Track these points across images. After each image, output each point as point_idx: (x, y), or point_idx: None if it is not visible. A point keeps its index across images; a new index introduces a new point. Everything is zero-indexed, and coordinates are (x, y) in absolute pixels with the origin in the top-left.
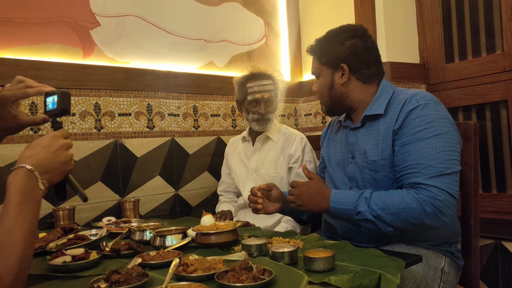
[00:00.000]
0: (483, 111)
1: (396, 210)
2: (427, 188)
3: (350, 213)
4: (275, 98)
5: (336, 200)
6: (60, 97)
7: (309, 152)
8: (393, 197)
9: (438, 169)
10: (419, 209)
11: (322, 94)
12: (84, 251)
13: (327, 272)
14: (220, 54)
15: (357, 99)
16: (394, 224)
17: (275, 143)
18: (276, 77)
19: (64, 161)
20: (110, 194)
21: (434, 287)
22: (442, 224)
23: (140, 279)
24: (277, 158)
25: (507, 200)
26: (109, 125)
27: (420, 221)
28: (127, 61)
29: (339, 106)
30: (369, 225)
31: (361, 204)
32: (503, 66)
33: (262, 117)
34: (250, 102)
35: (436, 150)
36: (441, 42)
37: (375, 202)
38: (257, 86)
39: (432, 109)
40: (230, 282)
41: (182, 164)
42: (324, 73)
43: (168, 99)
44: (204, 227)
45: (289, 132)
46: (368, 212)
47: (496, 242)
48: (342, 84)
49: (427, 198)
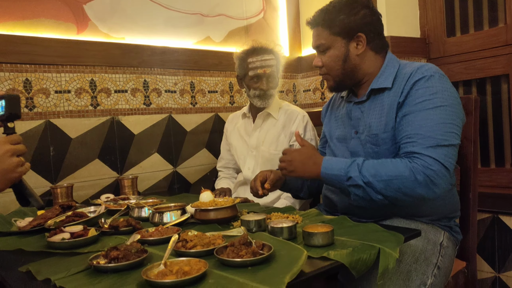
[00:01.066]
0: (483, 85)
1: (388, 177)
2: (421, 158)
3: (341, 179)
4: (277, 73)
5: (327, 166)
6: (8, 101)
7: (310, 130)
8: (386, 165)
9: (435, 140)
10: (411, 177)
11: (332, 67)
12: (83, 228)
13: (326, 247)
14: (217, 29)
15: (368, 71)
16: (385, 192)
17: (276, 120)
18: (277, 51)
19: (8, 168)
20: (108, 171)
21: (432, 261)
22: (433, 195)
23: (139, 255)
24: (278, 135)
25: (505, 174)
26: (105, 102)
27: (411, 190)
28: (122, 36)
29: (349, 80)
30: (359, 191)
31: (352, 170)
32: (506, 40)
33: (264, 93)
34: (252, 78)
35: (436, 121)
36: (442, 15)
37: (367, 169)
38: (258, 61)
39: (437, 81)
40: (229, 257)
41: (180, 141)
42: (337, 44)
43: (165, 75)
44: (203, 204)
45: (290, 109)
46: (359, 178)
47: (493, 216)
48: (358, 54)
49: (420, 167)
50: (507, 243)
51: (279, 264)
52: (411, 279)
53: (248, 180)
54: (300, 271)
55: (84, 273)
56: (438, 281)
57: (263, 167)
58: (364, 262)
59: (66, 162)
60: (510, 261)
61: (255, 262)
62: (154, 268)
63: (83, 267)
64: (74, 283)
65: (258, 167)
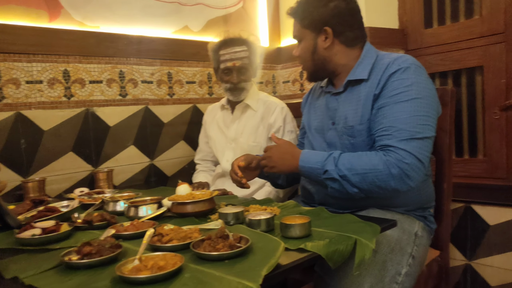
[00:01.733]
0: (459, 77)
1: (363, 171)
2: (395, 151)
3: (317, 172)
4: (251, 65)
5: (305, 159)
6: None
7: (290, 122)
8: (361, 158)
9: (409, 133)
10: (386, 171)
11: (304, 58)
12: (55, 223)
13: (303, 238)
14: (196, 18)
15: (340, 63)
16: (360, 186)
17: (255, 112)
18: (251, 42)
19: None
20: (82, 164)
21: (407, 251)
22: (407, 188)
23: (113, 250)
24: (257, 127)
25: (477, 165)
26: (79, 93)
27: (385, 183)
28: (97, 25)
29: (322, 71)
30: (335, 184)
31: (328, 164)
32: (481, 32)
33: (235, 86)
34: (223, 71)
35: (411, 114)
36: (420, 6)
37: (342, 162)
38: (228, 54)
39: (413, 73)
40: (206, 251)
41: (156, 133)
42: (307, 37)
43: (141, 66)
44: (180, 197)
45: (269, 101)
46: (335, 171)
47: (466, 205)
48: (326, 48)
49: (394, 161)
50: (479, 232)
51: (256, 256)
52: (386, 269)
53: (227, 172)
54: (277, 263)
55: (55, 270)
56: (412, 270)
57: None
58: (341, 253)
59: (39, 155)
60: (481, 249)
61: (232, 255)
62: (129, 264)
63: (54, 264)
64: (44, 281)
65: None
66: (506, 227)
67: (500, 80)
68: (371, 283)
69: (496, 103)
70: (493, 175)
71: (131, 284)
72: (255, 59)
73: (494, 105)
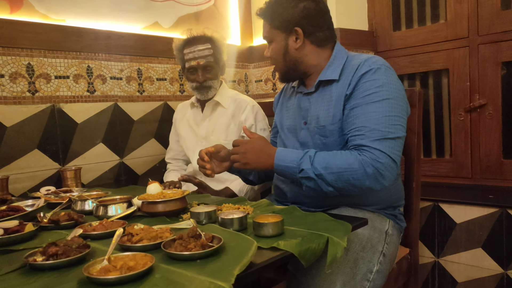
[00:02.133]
0: (426, 79)
1: (338, 170)
2: (370, 151)
3: (293, 171)
4: (217, 63)
5: (280, 157)
6: None
7: (262, 120)
8: (336, 157)
9: (382, 133)
10: (361, 170)
11: (276, 59)
12: (19, 223)
13: (276, 237)
14: (166, 14)
15: (311, 63)
16: (335, 184)
17: (225, 109)
18: (216, 39)
19: None
20: (48, 162)
21: (378, 249)
22: (381, 186)
23: (81, 251)
24: (227, 124)
25: (444, 165)
26: (44, 89)
27: (360, 182)
28: (62, 18)
29: (294, 72)
30: (310, 183)
31: (304, 163)
32: (446, 36)
33: (201, 85)
34: (188, 70)
35: (382, 114)
36: (389, 9)
37: (318, 161)
38: (191, 53)
39: (383, 74)
40: (177, 250)
41: (126, 130)
42: (277, 38)
43: (110, 61)
44: (151, 196)
45: (240, 99)
46: (311, 170)
47: (434, 204)
48: (297, 48)
49: (369, 160)
50: (446, 230)
51: (229, 256)
52: (358, 266)
53: (198, 172)
54: (250, 263)
55: (18, 272)
56: (383, 268)
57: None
58: (313, 251)
59: (1, 152)
60: (448, 247)
61: (204, 255)
62: (97, 264)
63: (18, 266)
64: (6, 283)
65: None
66: (471, 225)
67: (464, 83)
68: (343, 281)
69: (461, 105)
70: (459, 174)
71: (100, 285)
72: (220, 56)
73: (459, 107)
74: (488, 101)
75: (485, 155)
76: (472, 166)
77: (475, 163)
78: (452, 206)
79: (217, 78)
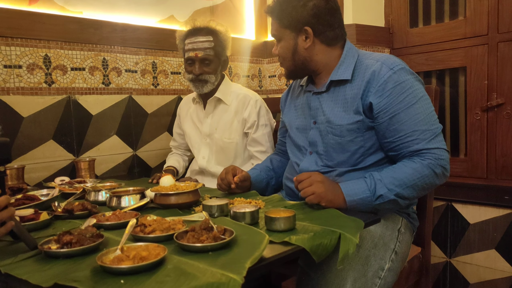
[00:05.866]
0: (443, 76)
1: (412, 182)
2: (430, 152)
3: (368, 200)
4: (217, 57)
5: (350, 192)
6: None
7: (264, 115)
8: (404, 170)
9: (432, 132)
10: (431, 173)
11: (284, 57)
12: (34, 212)
13: (287, 232)
14: (182, 7)
15: (321, 62)
16: (411, 195)
17: (228, 106)
18: (219, 32)
19: None
20: (63, 153)
21: (390, 246)
22: (445, 180)
23: (94, 240)
24: (231, 122)
25: (459, 164)
26: (60, 80)
27: (432, 184)
28: (79, 10)
29: (302, 70)
30: (389, 205)
31: (378, 188)
32: (464, 33)
33: (196, 77)
34: (186, 61)
35: (425, 113)
36: (406, 6)
37: (389, 182)
38: (191, 44)
39: (406, 73)
40: (189, 242)
41: (140, 123)
42: (286, 37)
43: (125, 54)
44: (164, 188)
45: (242, 93)
46: (389, 193)
47: (448, 203)
48: (306, 48)
49: (434, 161)
50: (459, 230)
51: (241, 249)
52: (369, 263)
53: (204, 169)
54: (261, 256)
55: (33, 259)
56: (395, 266)
57: (217, 155)
58: (325, 247)
59: (17, 142)
60: (461, 247)
61: (216, 247)
62: (110, 254)
63: (33, 253)
64: (22, 270)
65: (213, 156)
66: (485, 226)
67: (482, 81)
68: (354, 277)
69: (478, 104)
70: (473, 174)
71: (113, 274)
72: (222, 51)
73: (476, 105)
74: (506, 100)
75: (501, 155)
76: (488, 166)
77: (490, 163)
78: (466, 206)
79: (215, 73)
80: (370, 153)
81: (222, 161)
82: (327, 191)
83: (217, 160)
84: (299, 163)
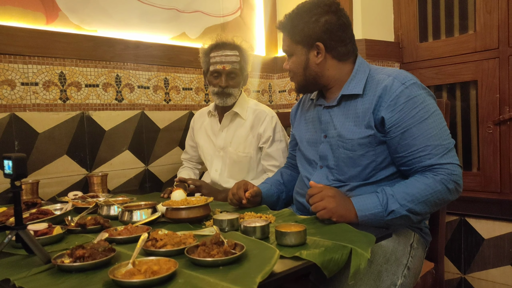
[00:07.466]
0: (453, 90)
1: (424, 197)
2: (443, 167)
3: (380, 215)
4: (241, 71)
5: (362, 207)
6: (15, 162)
7: (280, 131)
8: (416, 186)
9: (444, 147)
10: (444, 189)
11: (295, 72)
12: (47, 226)
13: (298, 247)
14: (193, 25)
15: (332, 77)
16: (423, 211)
17: (244, 121)
18: (244, 48)
19: None
20: (76, 168)
21: (403, 262)
22: (458, 196)
23: (107, 254)
24: (246, 136)
25: (472, 178)
26: (75, 96)
27: (444, 200)
28: (94, 29)
29: (313, 85)
30: (401, 221)
31: (390, 203)
32: (474, 47)
33: (222, 90)
34: (212, 73)
35: (437, 128)
36: (416, 20)
37: (401, 197)
38: (219, 56)
39: (418, 88)
40: (200, 256)
41: (152, 138)
42: (298, 52)
43: (138, 71)
44: (175, 202)
45: (259, 109)
46: (402, 208)
47: (461, 218)
48: (318, 63)
49: (447, 176)
50: (473, 245)
51: (251, 263)
52: (381, 279)
53: (216, 183)
54: (272, 271)
55: (46, 272)
56: (408, 282)
57: (231, 169)
58: (336, 262)
59: (32, 157)
60: (475, 263)
61: (226, 262)
62: (122, 268)
63: (46, 267)
64: (35, 283)
65: (226, 169)
66: (500, 241)
67: (494, 95)
68: None
69: (490, 117)
70: (487, 188)
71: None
72: (246, 66)
73: (488, 119)
74: None
75: None
76: (501, 180)
77: (504, 177)
78: (480, 221)
79: (238, 86)
80: (382, 167)
81: (235, 174)
82: (338, 206)
83: (229, 173)
84: (309, 177)
